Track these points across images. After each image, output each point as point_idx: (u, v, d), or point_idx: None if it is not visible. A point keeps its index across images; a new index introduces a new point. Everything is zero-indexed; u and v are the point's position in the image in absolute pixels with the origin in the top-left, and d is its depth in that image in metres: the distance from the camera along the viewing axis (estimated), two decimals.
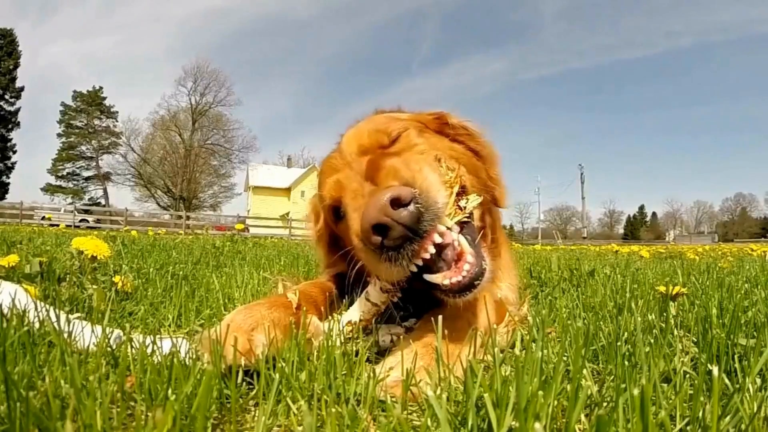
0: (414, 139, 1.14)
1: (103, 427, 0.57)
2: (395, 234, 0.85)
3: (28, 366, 0.74)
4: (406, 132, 1.15)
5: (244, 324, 0.87)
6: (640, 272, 2.97)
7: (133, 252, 3.59)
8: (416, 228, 0.85)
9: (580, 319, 1.35)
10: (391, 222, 0.84)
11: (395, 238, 0.85)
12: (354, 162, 1.08)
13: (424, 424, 0.59)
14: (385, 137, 1.13)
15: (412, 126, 1.19)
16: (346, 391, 0.73)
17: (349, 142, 1.15)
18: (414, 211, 0.85)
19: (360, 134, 1.15)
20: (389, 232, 0.84)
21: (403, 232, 0.85)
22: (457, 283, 0.90)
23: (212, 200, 50.69)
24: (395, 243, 0.85)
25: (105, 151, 48.11)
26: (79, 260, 1.69)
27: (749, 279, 2.48)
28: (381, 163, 0.99)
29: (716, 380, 0.55)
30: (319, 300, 1.16)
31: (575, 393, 0.57)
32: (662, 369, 0.87)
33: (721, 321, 1.15)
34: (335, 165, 1.15)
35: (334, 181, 1.11)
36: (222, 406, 0.70)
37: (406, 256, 0.87)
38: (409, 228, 0.85)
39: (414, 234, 0.86)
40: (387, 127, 1.15)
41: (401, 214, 0.84)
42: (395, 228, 0.84)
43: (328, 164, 1.19)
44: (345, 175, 1.08)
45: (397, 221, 0.84)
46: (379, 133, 1.14)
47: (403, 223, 0.84)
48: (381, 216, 0.83)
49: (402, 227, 0.84)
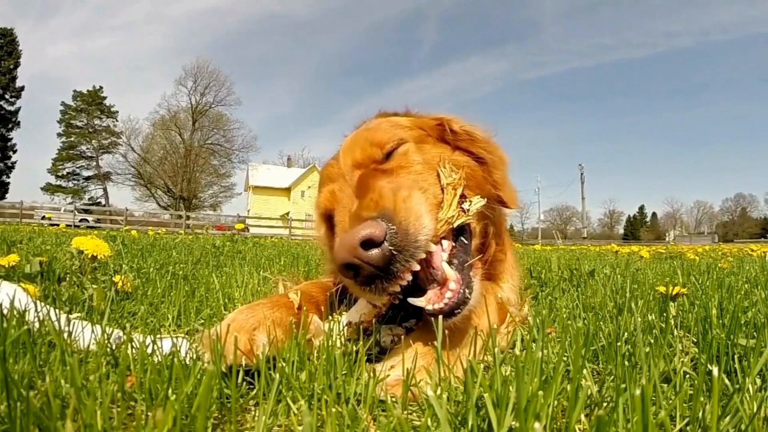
0: (411, 155, 1.10)
1: (104, 426, 0.57)
2: (365, 273, 0.85)
3: (28, 366, 0.74)
4: (403, 147, 1.12)
5: (246, 324, 0.87)
6: (640, 272, 2.97)
7: (133, 252, 3.59)
8: (387, 269, 0.85)
9: (580, 319, 1.35)
10: (360, 263, 0.84)
11: (365, 276, 0.86)
12: (348, 174, 1.08)
13: (424, 424, 0.59)
14: (378, 151, 1.11)
15: (411, 138, 1.15)
16: (347, 391, 0.73)
17: (345, 152, 1.14)
18: (386, 253, 0.84)
19: (354, 147, 1.13)
20: (360, 271, 0.85)
21: (373, 271, 0.85)
22: (438, 310, 0.89)
23: (212, 200, 50.76)
24: (366, 280, 0.86)
25: (105, 151, 48.17)
26: (79, 260, 1.69)
27: (749, 279, 2.48)
28: (369, 183, 0.98)
29: (716, 380, 0.55)
30: (320, 300, 1.16)
31: (575, 393, 0.57)
32: (662, 369, 0.87)
33: (721, 321, 1.15)
34: (332, 174, 1.15)
35: (329, 192, 1.12)
36: (222, 405, 0.70)
37: (377, 290, 0.87)
38: (379, 268, 0.84)
39: (385, 274, 0.85)
40: (382, 140, 1.12)
41: (370, 256, 0.83)
42: (364, 268, 0.84)
43: (326, 172, 1.19)
44: (339, 187, 1.09)
45: (366, 262, 0.83)
46: (373, 147, 1.11)
47: (374, 264, 0.84)
48: (350, 257, 0.83)
49: (372, 267, 0.84)
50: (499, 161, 1.22)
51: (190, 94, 48.75)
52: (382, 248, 0.84)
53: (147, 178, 47.69)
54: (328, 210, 1.12)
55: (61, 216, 26.90)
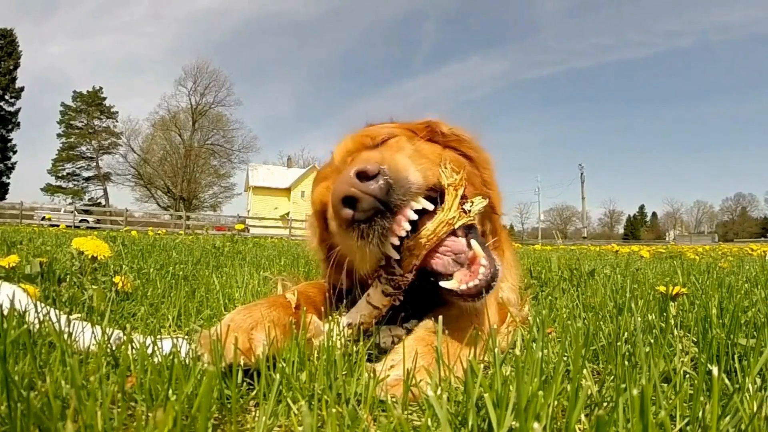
0: (402, 143, 1.14)
1: (104, 427, 0.57)
2: (365, 205, 0.84)
3: (28, 366, 0.74)
4: (395, 138, 1.16)
5: (244, 323, 0.87)
6: (640, 272, 2.97)
7: (134, 252, 3.59)
8: (386, 200, 0.85)
9: (580, 319, 1.35)
10: (358, 193, 0.83)
11: (365, 210, 0.84)
12: (341, 166, 1.10)
13: (424, 424, 0.59)
14: (369, 140, 1.15)
15: (403, 134, 1.19)
16: (347, 392, 0.73)
17: (338, 151, 1.18)
18: (382, 184, 0.85)
19: (346, 142, 1.18)
20: (358, 203, 0.84)
21: (373, 203, 0.84)
22: (474, 288, 0.90)
23: (212, 200, 50.79)
24: (366, 215, 0.85)
25: (105, 152, 48.20)
26: (79, 260, 1.69)
27: (749, 279, 2.48)
28: (361, 156, 1.00)
29: (716, 380, 0.55)
30: (318, 300, 1.16)
31: (575, 393, 0.58)
32: (662, 369, 0.87)
33: (721, 321, 1.15)
34: (325, 174, 1.18)
35: (323, 188, 1.14)
36: (222, 406, 0.70)
37: (378, 232, 0.86)
38: (379, 200, 0.84)
39: (385, 207, 0.85)
40: (373, 133, 1.17)
41: (369, 186, 0.84)
42: (364, 199, 0.84)
43: (319, 174, 1.22)
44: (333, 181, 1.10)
45: (364, 192, 0.83)
46: (365, 137, 1.16)
47: (372, 194, 0.84)
48: (348, 188, 0.83)
49: (371, 198, 0.84)
50: (486, 161, 1.24)
51: (190, 94, 48.84)
52: (377, 180, 0.85)
53: (147, 179, 47.71)
54: (323, 204, 1.13)
55: (61, 217, 26.90)
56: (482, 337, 0.92)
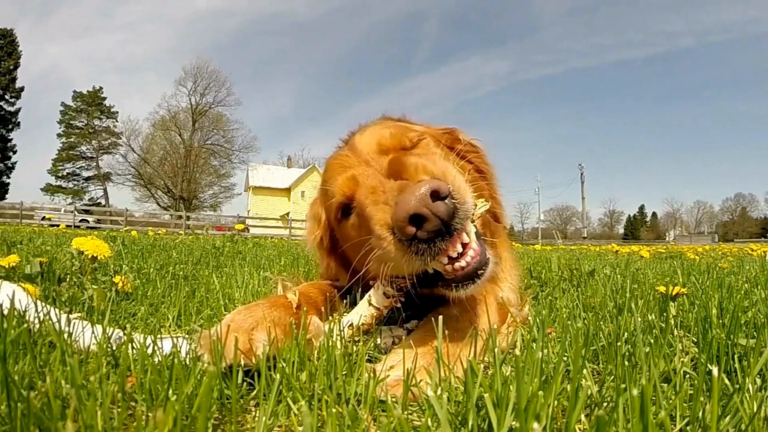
0: (432, 147, 1.15)
1: (104, 427, 0.57)
2: (430, 226, 0.83)
3: (28, 366, 0.74)
4: (425, 140, 1.16)
5: (245, 323, 0.87)
6: (640, 272, 2.97)
7: (134, 252, 3.59)
8: (450, 223, 0.85)
9: (580, 319, 1.35)
10: (429, 214, 0.82)
11: (429, 231, 0.84)
12: (372, 160, 1.07)
13: (424, 425, 0.59)
14: (406, 140, 1.13)
15: (430, 137, 1.20)
16: (347, 392, 0.73)
17: (368, 141, 1.14)
18: (450, 206, 0.84)
19: (381, 134, 1.14)
20: (425, 223, 0.83)
21: (439, 225, 0.84)
22: (460, 269, 0.89)
23: (212, 200, 50.81)
24: (428, 236, 0.84)
25: (105, 152, 48.22)
26: (79, 260, 1.69)
27: (749, 279, 2.48)
28: (406, 160, 0.98)
29: (716, 380, 0.55)
30: (318, 301, 1.16)
31: (575, 393, 0.57)
32: (662, 369, 0.87)
33: (721, 321, 1.15)
34: (347, 163, 1.12)
35: (348, 177, 1.09)
36: (223, 406, 0.70)
37: (432, 252, 0.86)
38: (443, 222, 0.84)
39: (446, 229, 0.85)
40: (407, 131, 1.16)
41: (439, 208, 0.83)
42: (432, 220, 0.83)
43: (337, 162, 1.16)
44: (361, 172, 1.06)
45: (434, 213, 0.83)
46: (402, 136, 1.14)
47: (440, 216, 0.83)
48: (420, 207, 0.82)
49: (438, 220, 0.83)
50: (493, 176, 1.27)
51: (190, 94, 48.85)
52: (446, 202, 0.84)
53: (147, 179, 47.71)
54: (347, 196, 1.09)
55: (61, 216, 26.90)
56: (482, 337, 0.92)
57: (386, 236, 0.88)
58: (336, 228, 1.22)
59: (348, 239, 1.14)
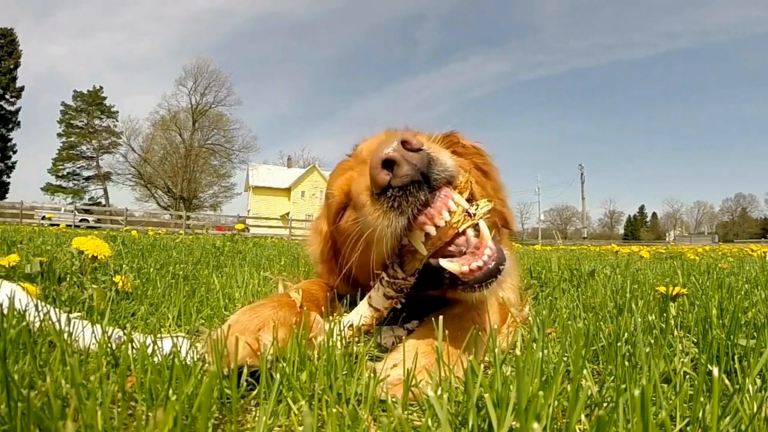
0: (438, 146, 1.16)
1: (104, 427, 0.57)
2: (404, 170, 0.81)
3: (28, 366, 0.74)
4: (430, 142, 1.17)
5: (250, 324, 0.86)
6: (641, 273, 2.97)
7: (134, 252, 3.59)
8: (426, 173, 0.83)
9: (581, 319, 1.35)
10: (399, 157, 0.81)
11: (402, 176, 0.81)
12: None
13: (425, 425, 0.59)
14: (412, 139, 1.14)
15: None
16: (347, 392, 0.73)
17: (369, 146, 1.14)
18: (424, 156, 0.83)
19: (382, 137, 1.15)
20: (397, 167, 0.81)
21: (413, 170, 0.82)
22: (477, 269, 0.85)
23: (212, 200, 50.84)
24: (402, 181, 0.82)
25: (105, 151, 48.25)
26: (79, 260, 1.69)
27: (749, 280, 2.48)
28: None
29: (716, 381, 0.55)
30: (320, 298, 1.16)
31: (575, 393, 0.57)
32: (662, 369, 0.87)
33: (721, 321, 1.15)
34: (348, 165, 1.14)
35: (345, 178, 1.10)
36: (223, 406, 0.70)
37: (409, 202, 0.83)
38: (419, 170, 0.82)
39: (424, 179, 0.83)
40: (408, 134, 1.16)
41: (410, 155, 0.81)
42: (404, 164, 0.81)
43: (339, 168, 1.18)
44: (358, 171, 1.07)
45: (406, 159, 0.81)
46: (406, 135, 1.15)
47: (413, 161, 0.81)
48: (391, 151, 0.81)
49: (412, 165, 0.81)
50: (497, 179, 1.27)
51: (191, 94, 48.88)
52: (421, 153, 0.83)
53: (147, 179, 47.72)
54: (345, 193, 1.08)
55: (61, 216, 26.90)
56: (483, 337, 0.92)
57: (365, 200, 0.86)
58: (335, 233, 1.21)
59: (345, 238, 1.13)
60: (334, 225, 1.18)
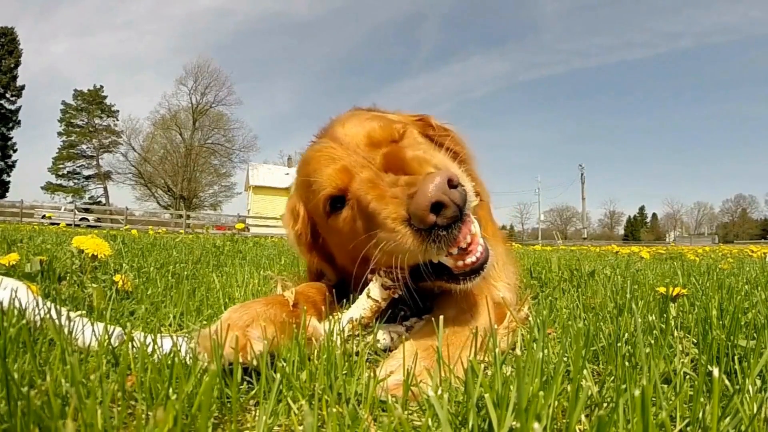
0: (417, 137, 1.16)
1: (104, 426, 0.57)
2: (449, 212, 0.87)
3: (28, 364, 0.74)
4: (409, 131, 1.17)
5: (240, 321, 0.87)
6: (641, 273, 2.97)
7: (134, 251, 3.59)
8: (462, 209, 0.89)
9: (581, 319, 1.35)
10: (448, 200, 0.86)
11: (449, 217, 0.87)
12: (363, 153, 1.06)
13: (425, 424, 0.59)
14: (395, 133, 1.14)
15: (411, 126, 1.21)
16: (347, 391, 0.73)
17: (355, 133, 1.12)
18: (462, 193, 0.89)
19: (370, 127, 1.13)
20: (444, 210, 0.86)
21: (456, 211, 0.87)
22: (471, 264, 0.93)
23: (212, 199, 50.73)
24: (447, 222, 0.87)
25: (105, 150, 48.19)
26: (79, 259, 1.69)
27: (749, 280, 2.48)
28: (405, 154, 1.01)
29: (716, 381, 0.55)
30: (318, 300, 1.15)
31: (576, 393, 0.57)
32: (662, 370, 0.87)
33: (721, 322, 1.15)
34: (335, 155, 1.09)
35: (338, 169, 1.07)
36: (223, 405, 0.70)
37: (449, 238, 0.89)
38: (458, 208, 0.88)
39: (461, 214, 0.89)
40: (392, 123, 1.16)
41: (455, 194, 0.87)
42: (450, 206, 0.86)
43: (323, 154, 1.12)
44: (353, 164, 1.05)
45: (452, 200, 0.86)
46: (390, 128, 1.14)
47: (457, 202, 0.87)
48: (441, 194, 0.85)
49: (456, 206, 0.87)
50: (469, 157, 1.28)
51: (191, 93, 48.77)
52: (459, 189, 0.88)
53: (147, 178, 47.67)
54: (340, 188, 1.07)
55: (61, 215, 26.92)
56: (482, 337, 0.92)
57: (400, 229, 0.90)
58: (322, 223, 1.19)
59: (339, 233, 1.12)
60: (323, 215, 1.15)
